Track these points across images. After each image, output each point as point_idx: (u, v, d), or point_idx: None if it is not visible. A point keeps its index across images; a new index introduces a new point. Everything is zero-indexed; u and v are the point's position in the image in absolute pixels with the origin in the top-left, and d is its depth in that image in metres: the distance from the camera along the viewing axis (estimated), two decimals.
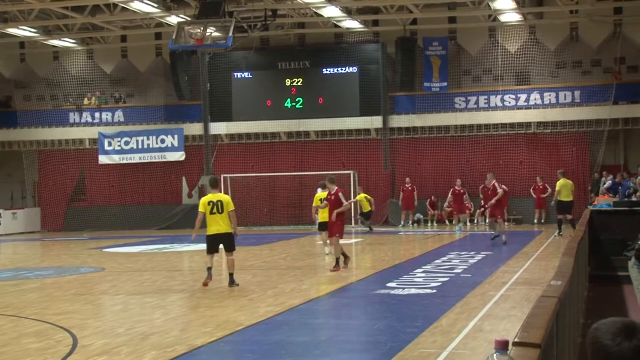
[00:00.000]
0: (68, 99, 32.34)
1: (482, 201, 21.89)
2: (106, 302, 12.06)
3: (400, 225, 28.14)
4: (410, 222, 28.33)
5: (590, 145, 28.22)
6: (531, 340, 3.14)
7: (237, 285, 13.17)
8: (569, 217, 21.61)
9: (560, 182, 21.84)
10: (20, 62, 32.98)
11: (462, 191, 26.03)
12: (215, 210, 13.02)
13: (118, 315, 11.19)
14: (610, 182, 24.79)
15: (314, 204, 18.05)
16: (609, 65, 28.58)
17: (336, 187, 15.64)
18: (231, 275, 13.28)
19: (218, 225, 13.07)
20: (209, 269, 13.29)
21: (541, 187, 27.16)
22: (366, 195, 26.52)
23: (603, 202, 18.40)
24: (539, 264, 15.61)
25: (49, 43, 30.91)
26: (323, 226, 17.66)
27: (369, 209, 26.36)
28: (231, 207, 13.24)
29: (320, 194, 17.71)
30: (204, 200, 13.26)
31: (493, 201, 20.01)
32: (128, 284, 14.05)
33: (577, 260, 7.31)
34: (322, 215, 17.44)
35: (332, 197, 15.46)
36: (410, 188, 28.19)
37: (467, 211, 26.83)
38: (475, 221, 28.07)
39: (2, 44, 31.38)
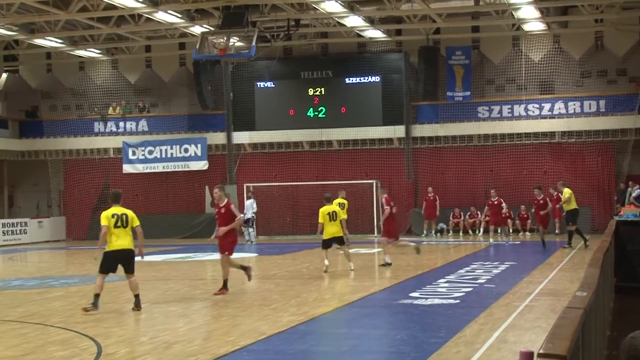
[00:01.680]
0: (93, 109, 32.69)
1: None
2: (130, 310, 12.12)
3: (423, 235, 28.04)
4: (433, 231, 28.24)
5: (615, 155, 27.94)
6: (556, 351, 3.11)
7: (140, 309, 11.90)
8: (574, 227, 21.22)
9: (569, 191, 21.31)
10: (47, 72, 33.44)
11: (497, 202, 24.54)
12: (119, 224, 11.83)
13: (142, 323, 11.27)
14: (638, 191, 24.52)
15: (320, 220, 16.60)
16: (634, 74, 28.35)
17: (227, 200, 13.83)
18: (137, 296, 12.03)
19: (121, 240, 11.86)
20: (97, 295, 11.77)
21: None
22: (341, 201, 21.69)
23: (629, 212, 18.21)
24: (564, 275, 15.45)
25: (75, 53, 31.30)
26: (327, 244, 16.66)
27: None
28: (137, 222, 12.07)
29: (326, 207, 16.63)
30: (107, 213, 11.89)
31: (381, 222, 17.94)
32: (152, 293, 14.11)
33: (603, 272, 7.23)
34: (329, 231, 16.52)
35: (223, 210, 13.58)
36: (432, 198, 28.10)
37: (507, 221, 25.99)
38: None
39: (29, 54, 31.85)
